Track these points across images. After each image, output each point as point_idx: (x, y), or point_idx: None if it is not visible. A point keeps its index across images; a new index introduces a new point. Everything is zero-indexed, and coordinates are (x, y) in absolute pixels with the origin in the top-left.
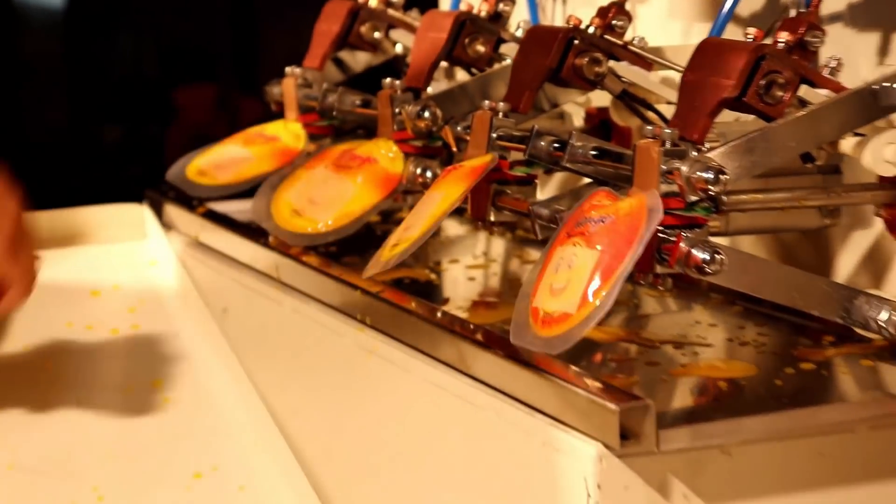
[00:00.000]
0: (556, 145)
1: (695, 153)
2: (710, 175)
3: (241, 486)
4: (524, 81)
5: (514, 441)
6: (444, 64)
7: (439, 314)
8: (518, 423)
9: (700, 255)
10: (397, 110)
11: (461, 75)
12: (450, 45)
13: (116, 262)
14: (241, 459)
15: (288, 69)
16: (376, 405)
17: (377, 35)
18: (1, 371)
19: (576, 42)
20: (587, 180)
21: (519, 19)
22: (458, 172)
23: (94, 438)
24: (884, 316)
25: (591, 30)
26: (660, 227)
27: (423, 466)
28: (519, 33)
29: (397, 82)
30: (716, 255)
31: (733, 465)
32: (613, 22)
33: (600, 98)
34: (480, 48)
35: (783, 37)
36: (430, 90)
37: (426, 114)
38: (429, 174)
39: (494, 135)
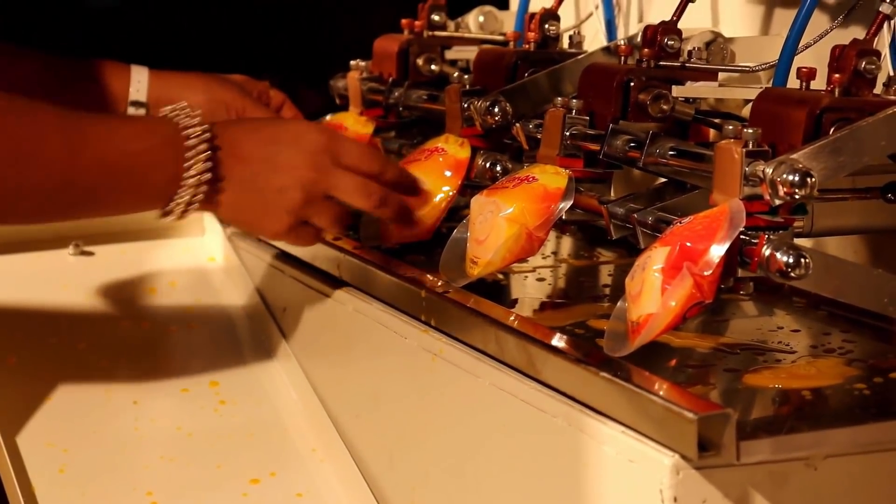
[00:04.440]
0: (632, 144)
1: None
2: (797, 178)
3: (298, 492)
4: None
5: (585, 450)
6: None
7: (507, 316)
8: (589, 432)
9: (784, 258)
10: (466, 105)
11: None
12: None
13: (173, 258)
14: (300, 465)
15: (353, 62)
16: (441, 410)
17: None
18: (56, 370)
19: (632, 84)
20: (664, 179)
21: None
22: (534, 191)
23: (149, 441)
24: None
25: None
26: (741, 229)
27: (490, 475)
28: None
29: (466, 76)
30: (801, 259)
31: (818, 479)
32: (665, 42)
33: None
34: None
35: (834, 80)
36: None
37: (496, 109)
38: (499, 168)
39: (567, 133)
